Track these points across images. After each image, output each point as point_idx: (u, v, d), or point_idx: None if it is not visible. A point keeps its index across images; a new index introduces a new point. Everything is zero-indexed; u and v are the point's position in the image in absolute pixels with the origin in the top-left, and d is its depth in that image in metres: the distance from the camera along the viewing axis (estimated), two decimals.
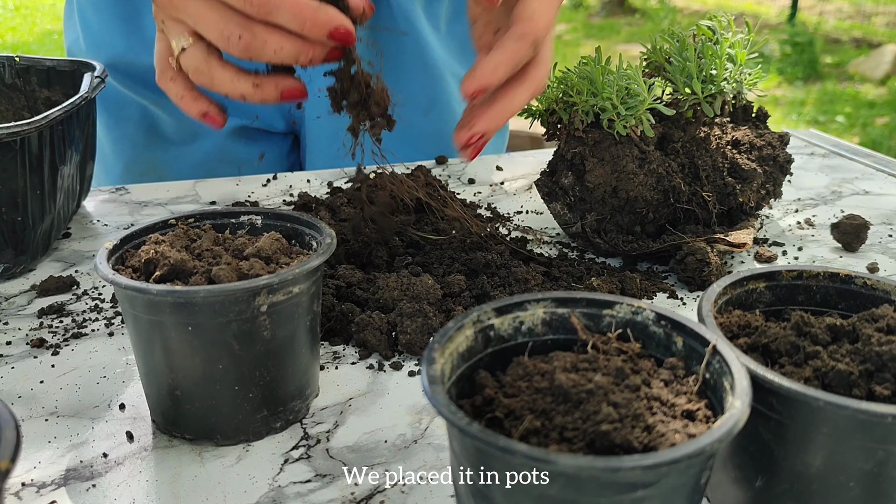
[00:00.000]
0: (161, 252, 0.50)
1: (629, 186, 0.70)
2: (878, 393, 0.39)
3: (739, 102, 0.79)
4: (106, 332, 0.62)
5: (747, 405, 0.34)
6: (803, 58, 4.91)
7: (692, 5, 6.97)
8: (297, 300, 0.49)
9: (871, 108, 4.19)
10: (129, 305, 0.47)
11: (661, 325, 0.41)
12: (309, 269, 0.48)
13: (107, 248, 0.50)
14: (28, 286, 0.70)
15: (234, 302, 0.46)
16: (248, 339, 0.47)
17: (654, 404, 0.37)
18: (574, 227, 0.74)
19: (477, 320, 0.41)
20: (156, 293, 0.45)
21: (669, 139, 0.73)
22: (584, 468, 0.30)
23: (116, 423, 0.52)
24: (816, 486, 0.38)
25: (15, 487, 0.46)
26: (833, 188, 0.93)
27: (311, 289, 0.50)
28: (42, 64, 0.86)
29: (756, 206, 0.76)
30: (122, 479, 0.47)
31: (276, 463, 0.48)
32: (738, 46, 0.73)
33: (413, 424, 0.52)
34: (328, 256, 0.50)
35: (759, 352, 0.43)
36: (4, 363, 0.58)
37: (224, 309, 0.46)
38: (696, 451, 0.31)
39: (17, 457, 0.32)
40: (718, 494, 0.43)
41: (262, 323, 0.47)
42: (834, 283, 0.47)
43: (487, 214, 0.84)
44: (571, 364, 0.38)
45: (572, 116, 0.70)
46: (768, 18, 6.02)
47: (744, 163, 0.74)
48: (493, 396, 0.38)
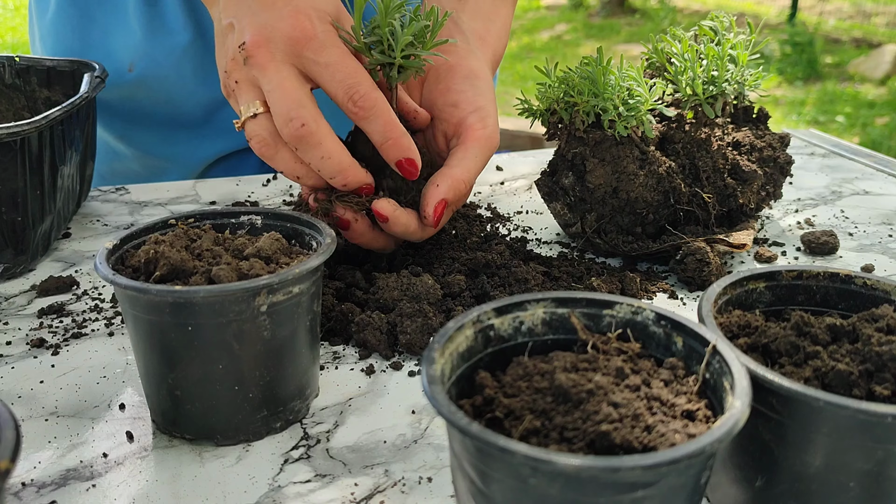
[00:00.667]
0: (161, 252, 0.50)
1: (630, 187, 0.70)
2: (878, 393, 0.39)
3: (740, 103, 0.79)
4: (106, 332, 0.62)
5: (747, 405, 0.34)
6: (803, 58, 4.91)
7: (692, 5, 6.97)
8: (297, 300, 0.49)
9: (871, 108, 4.19)
10: (129, 305, 0.47)
11: (661, 325, 0.41)
12: (309, 270, 0.48)
13: (107, 248, 0.50)
14: (28, 286, 0.70)
15: (234, 302, 0.46)
16: (248, 339, 0.47)
17: (654, 404, 0.37)
18: (574, 227, 0.74)
19: (477, 320, 0.41)
20: (156, 293, 0.45)
21: (670, 140, 0.73)
22: (584, 468, 0.30)
23: (116, 423, 0.52)
24: (816, 486, 0.38)
25: (15, 487, 0.46)
26: (833, 188, 0.93)
27: (311, 289, 0.50)
28: (42, 64, 0.86)
29: (756, 208, 0.76)
30: (122, 479, 0.47)
31: (276, 463, 0.48)
32: (740, 47, 0.73)
33: (413, 424, 0.52)
34: (328, 256, 0.50)
35: (759, 352, 0.43)
36: (4, 363, 0.58)
37: (224, 309, 0.46)
38: (696, 451, 0.31)
39: (17, 457, 0.32)
40: (718, 494, 0.43)
41: (261, 323, 0.47)
42: (834, 283, 0.47)
43: (487, 214, 0.84)
44: (571, 364, 0.38)
45: (573, 116, 0.70)
46: (768, 18, 6.02)
47: (744, 164, 0.74)
48: (493, 396, 0.38)
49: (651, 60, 0.78)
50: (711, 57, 0.72)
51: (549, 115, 0.72)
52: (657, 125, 0.73)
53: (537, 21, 6.93)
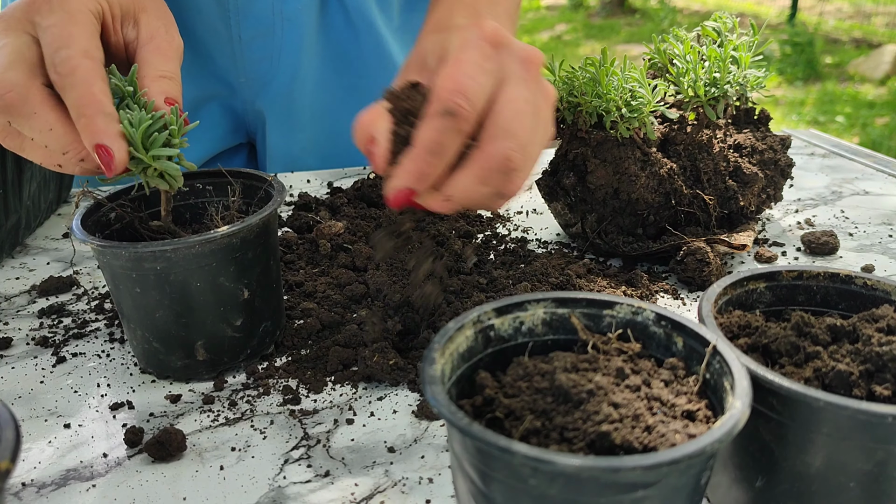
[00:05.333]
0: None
1: (631, 188, 0.70)
2: (878, 393, 0.39)
3: (742, 105, 0.79)
4: (106, 332, 0.62)
5: (747, 405, 0.34)
6: (803, 58, 4.91)
7: (692, 5, 6.97)
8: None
9: (871, 108, 4.19)
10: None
11: (662, 326, 0.41)
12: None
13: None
14: (28, 286, 0.70)
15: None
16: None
17: (655, 404, 0.36)
18: (574, 227, 0.74)
19: (477, 320, 0.41)
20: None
21: (672, 142, 0.73)
22: (585, 468, 0.30)
23: (116, 423, 0.52)
24: (817, 486, 0.38)
25: (15, 487, 0.46)
26: (833, 188, 0.93)
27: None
28: None
29: (756, 210, 0.76)
30: (122, 479, 0.47)
31: (276, 463, 0.48)
32: (742, 49, 0.73)
33: (413, 424, 0.52)
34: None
35: (760, 352, 0.43)
36: (4, 363, 0.58)
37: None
38: (696, 452, 0.31)
39: (17, 457, 0.32)
40: (718, 494, 0.43)
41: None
42: (834, 283, 0.47)
43: (487, 214, 0.84)
44: (572, 364, 0.38)
45: (576, 117, 0.70)
46: (769, 18, 6.02)
47: (745, 167, 0.74)
48: (493, 396, 0.38)
49: (653, 61, 0.78)
50: (713, 58, 0.72)
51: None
52: (659, 126, 0.73)
53: (537, 21, 6.93)
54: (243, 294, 0.55)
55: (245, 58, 0.92)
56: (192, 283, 0.52)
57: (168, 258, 0.51)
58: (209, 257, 0.52)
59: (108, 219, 0.58)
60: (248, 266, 0.54)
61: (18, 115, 0.50)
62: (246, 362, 0.57)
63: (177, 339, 0.54)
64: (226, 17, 0.89)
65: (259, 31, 0.90)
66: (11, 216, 0.71)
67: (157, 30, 0.57)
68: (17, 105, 0.50)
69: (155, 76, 0.54)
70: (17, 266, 0.74)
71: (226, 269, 0.53)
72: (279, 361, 0.58)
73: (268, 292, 0.57)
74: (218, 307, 0.54)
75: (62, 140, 0.50)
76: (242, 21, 0.89)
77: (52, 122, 0.50)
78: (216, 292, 0.53)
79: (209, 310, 0.54)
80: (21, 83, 0.50)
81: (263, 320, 0.57)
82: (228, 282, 0.54)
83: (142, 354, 0.56)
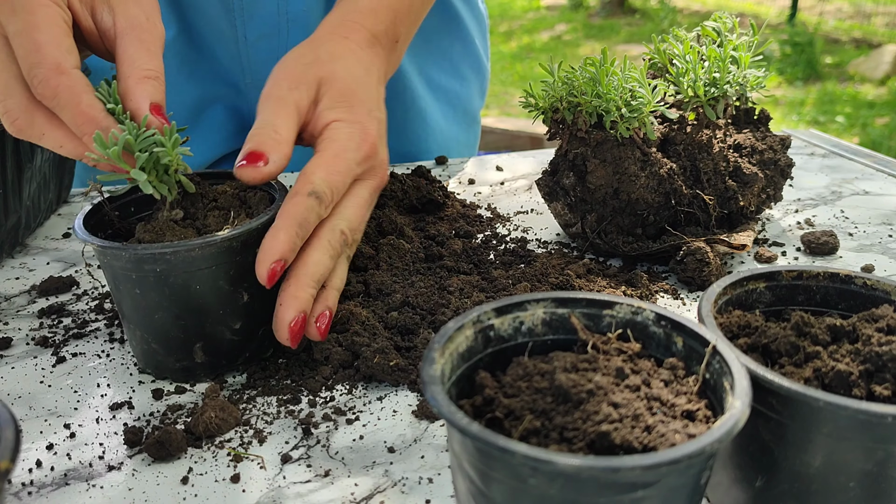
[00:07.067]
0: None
1: (630, 188, 0.70)
2: (878, 393, 0.39)
3: (742, 105, 0.79)
4: (106, 332, 0.62)
5: (747, 405, 0.34)
6: (803, 58, 4.92)
7: (692, 5, 6.97)
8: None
9: (871, 108, 4.19)
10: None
11: (661, 326, 0.41)
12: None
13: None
14: (28, 286, 0.70)
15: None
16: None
17: (654, 404, 0.37)
18: (574, 227, 0.74)
19: (477, 320, 0.41)
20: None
21: (672, 142, 0.73)
22: (584, 468, 0.30)
23: (116, 423, 0.52)
24: (816, 486, 0.38)
25: (15, 487, 0.46)
26: (833, 188, 0.93)
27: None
28: None
29: (756, 210, 0.76)
30: (122, 479, 0.47)
31: (276, 463, 0.48)
32: (742, 49, 0.73)
33: (413, 424, 0.52)
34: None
35: (759, 352, 0.43)
36: (4, 363, 0.58)
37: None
38: (696, 452, 0.31)
39: (17, 457, 0.32)
40: (718, 494, 0.43)
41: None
42: (834, 283, 0.47)
43: (487, 214, 0.84)
44: (571, 364, 0.38)
45: (576, 117, 0.70)
46: (768, 18, 6.02)
47: (745, 167, 0.74)
48: (493, 396, 0.38)
49: (653, 61, 0.78)
50: (713, 58, 0.72)
51: (552, 113, 0.72)
52: (659, 126, 0.73)
53: (537, 21, 6.94)
54: (243, 297, 0.55)
55: (251, 59, 0.91)
56: (191, 285, 0.52)
57: (168, 260, 0.51)
58: (209, 260, 0.52)
59: (111, 219, 0.58)
60: (248, 269, 0.54)
61: (30, 137, 0.53)
62: (244, 365, 0.57)
63: (175, 341, 0.54)
64: (231, 18, 0.88)
65: (265, 31, 0.89)
66: (11, 216, 0.71)
67: (135, 18, 0.55)
68: (25, 130, 0.53)
69: (139, 77, 0.53)
70: (17, 266, 0.74)
71: (226, 272, 0.53)
72: (279, 361, 0.58)
73: (267, 296, 0.57)
74: (217, 310, 0.54)
75: (75, 152, 0.53)
76: (248, 22, 0.89)
77: (61, 139, 0.53)
78: (216, 295, 0.53)
79: (208, 312, 0.54)
80: (23, 107, 0.52)
81: (263, 324, 0.57)
82: (228, 285, 0.54)
83: (140, 355, 0.56)
